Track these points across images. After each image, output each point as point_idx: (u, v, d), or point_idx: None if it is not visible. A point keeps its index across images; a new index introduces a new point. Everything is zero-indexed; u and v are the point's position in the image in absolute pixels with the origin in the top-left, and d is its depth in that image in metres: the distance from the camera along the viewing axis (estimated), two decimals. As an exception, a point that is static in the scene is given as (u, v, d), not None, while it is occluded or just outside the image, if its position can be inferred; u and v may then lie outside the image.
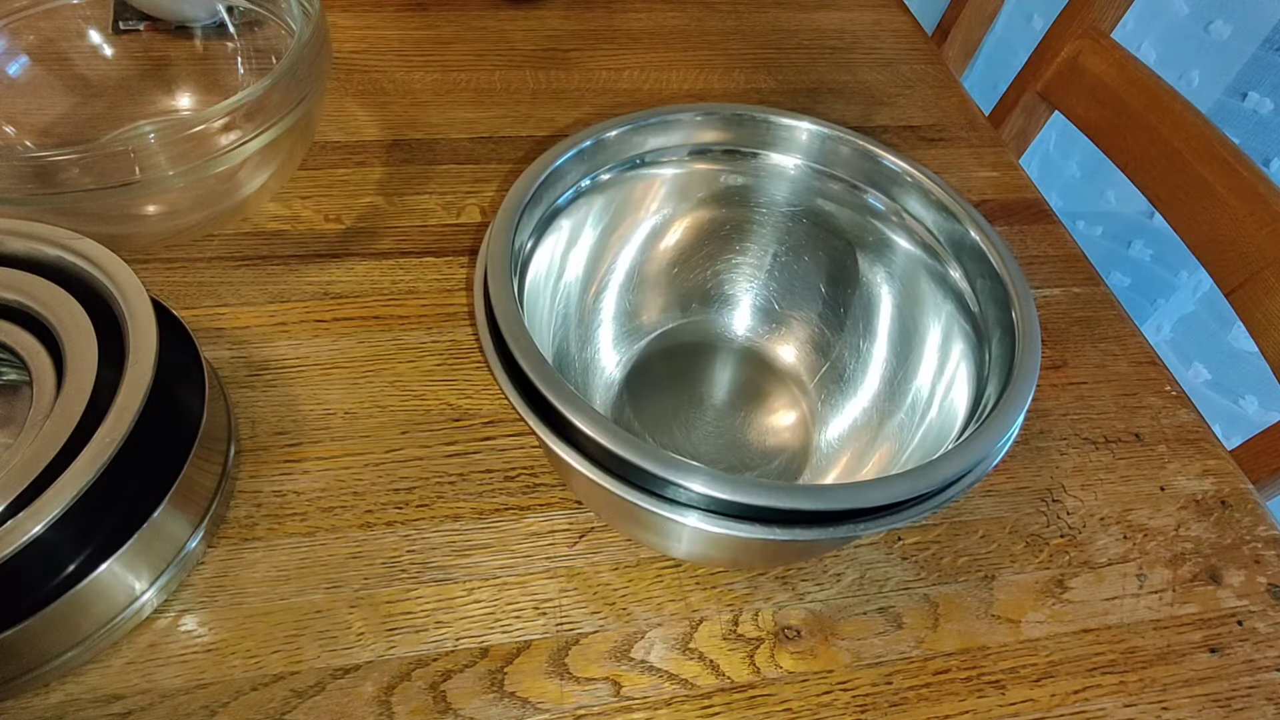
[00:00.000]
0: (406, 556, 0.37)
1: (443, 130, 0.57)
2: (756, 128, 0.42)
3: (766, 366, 0.46)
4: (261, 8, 0.53)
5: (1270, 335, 0.53)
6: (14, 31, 0.49)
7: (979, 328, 0.37)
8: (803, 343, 0.46)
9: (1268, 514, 0.43)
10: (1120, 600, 0.39)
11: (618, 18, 0.69)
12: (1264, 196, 0.54)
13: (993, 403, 0.33)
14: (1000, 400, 0.32)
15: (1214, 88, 0.85)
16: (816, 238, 0.44)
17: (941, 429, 0.36)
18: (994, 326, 0.36)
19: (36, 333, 0.35)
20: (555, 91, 0.62)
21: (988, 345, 0.36)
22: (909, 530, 0.41)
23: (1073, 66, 0.69)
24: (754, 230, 0.45)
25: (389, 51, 0.63)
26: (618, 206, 0.42)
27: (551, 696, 0.34)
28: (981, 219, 0.38)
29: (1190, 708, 0.36)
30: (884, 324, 0.43)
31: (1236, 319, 0.56)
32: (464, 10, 0.67)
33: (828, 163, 0.42)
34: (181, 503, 0.34)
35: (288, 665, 0.34)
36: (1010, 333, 0.35)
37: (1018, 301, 0.35)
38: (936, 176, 0.40)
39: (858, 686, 0.36)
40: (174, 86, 0.54)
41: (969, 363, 0.37)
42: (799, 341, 0.46)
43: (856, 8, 0.74)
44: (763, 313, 0.47)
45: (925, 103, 0.66)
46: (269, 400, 0.42)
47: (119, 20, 0.53)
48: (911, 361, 0.41)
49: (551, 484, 0.40)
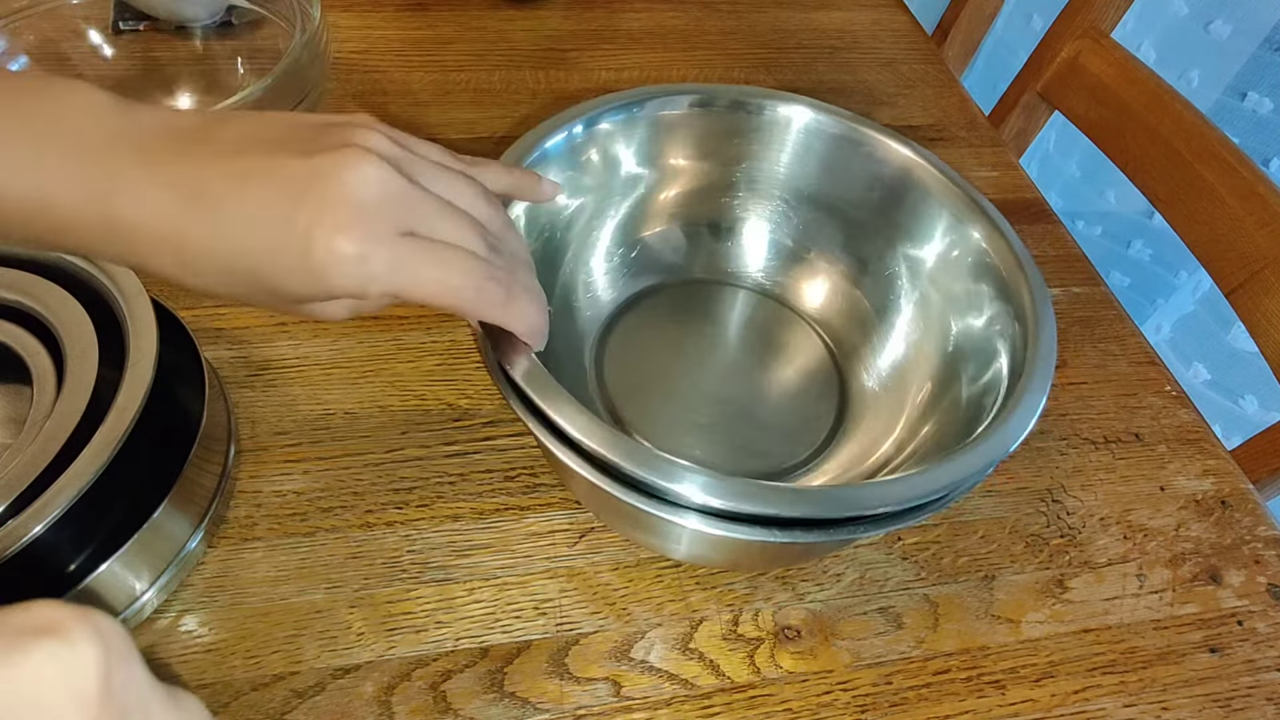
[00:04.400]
0: (406, 556, 0.37)
1: (443, 130, 0.57)
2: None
3: (781, 311, 0.46)
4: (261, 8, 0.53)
5: (1270, 335, 0.53)
6: (14, 31, 0.49)
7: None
8: (830, 280, 0.45)
9: (1268, 514, 0.43)
10: (1120, 600, 0.39)
11: (618, 18, 0.69)
12: (1264, 196, 0.54)
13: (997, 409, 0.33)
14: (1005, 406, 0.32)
15: (1214, 88, 0.85)
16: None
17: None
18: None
19: (37, 333, 0.35)
20: (555, 91, 0.62)
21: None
22: (909, 530, 0.41)
23: (1073, 66, 0.69)
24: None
25: (389, 51, 0.63)
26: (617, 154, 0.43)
27: (551, 696, 0.34)
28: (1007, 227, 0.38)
29: (1190, 708, 0.36)
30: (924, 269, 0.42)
31: (1236, 319, 0.56)
32: (464, 10, 0.67)
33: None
34: (181, 503, 0.34)
35: (288, 665, 0.34)
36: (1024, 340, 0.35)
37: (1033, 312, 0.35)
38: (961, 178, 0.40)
39: (858, 686, 0.36)
40: (174, 86, 0.54)
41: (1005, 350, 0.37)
42: (823, 281, 0.45)
43: (856, 8, 0.74)
44: (778, 250, 0.46)
45: (925, 103, 0.66)
46: (269, 400, 0.42)
47: (119, 20, 0.53)
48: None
49: (551, 484, 0.40)
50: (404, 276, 0.24)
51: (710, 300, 0.46)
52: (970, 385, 0.37)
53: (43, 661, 0.15)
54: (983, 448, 0.30)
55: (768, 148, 0.44)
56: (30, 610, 0.16)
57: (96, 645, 0.16)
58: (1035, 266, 0.37)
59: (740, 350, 0.45)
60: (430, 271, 0.25)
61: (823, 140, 0.43)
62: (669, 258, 0.46)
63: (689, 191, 0.45)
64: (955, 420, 0.37)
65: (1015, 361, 0.35)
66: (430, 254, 0.25)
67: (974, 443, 0.31)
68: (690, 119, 0.43)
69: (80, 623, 0.16)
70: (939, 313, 0.41)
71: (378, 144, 0.25)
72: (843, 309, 0.45)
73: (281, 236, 0.23)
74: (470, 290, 0.26)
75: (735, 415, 0.42)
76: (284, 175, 0.23)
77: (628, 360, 0.43)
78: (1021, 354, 0.34)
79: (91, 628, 0.16)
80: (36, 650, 0.15)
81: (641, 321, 0.44)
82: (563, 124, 0.39)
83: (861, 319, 0.44)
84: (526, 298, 0.28)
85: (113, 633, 0.16)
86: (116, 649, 0.16)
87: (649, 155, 0.43)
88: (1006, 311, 0.37)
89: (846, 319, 0.45)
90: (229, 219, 0.23)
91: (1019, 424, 0.31)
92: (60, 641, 0.15)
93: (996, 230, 0.38)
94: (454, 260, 0.25)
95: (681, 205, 0.46)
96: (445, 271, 0.25)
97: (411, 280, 0.25)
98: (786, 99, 0.43)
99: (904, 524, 0.30)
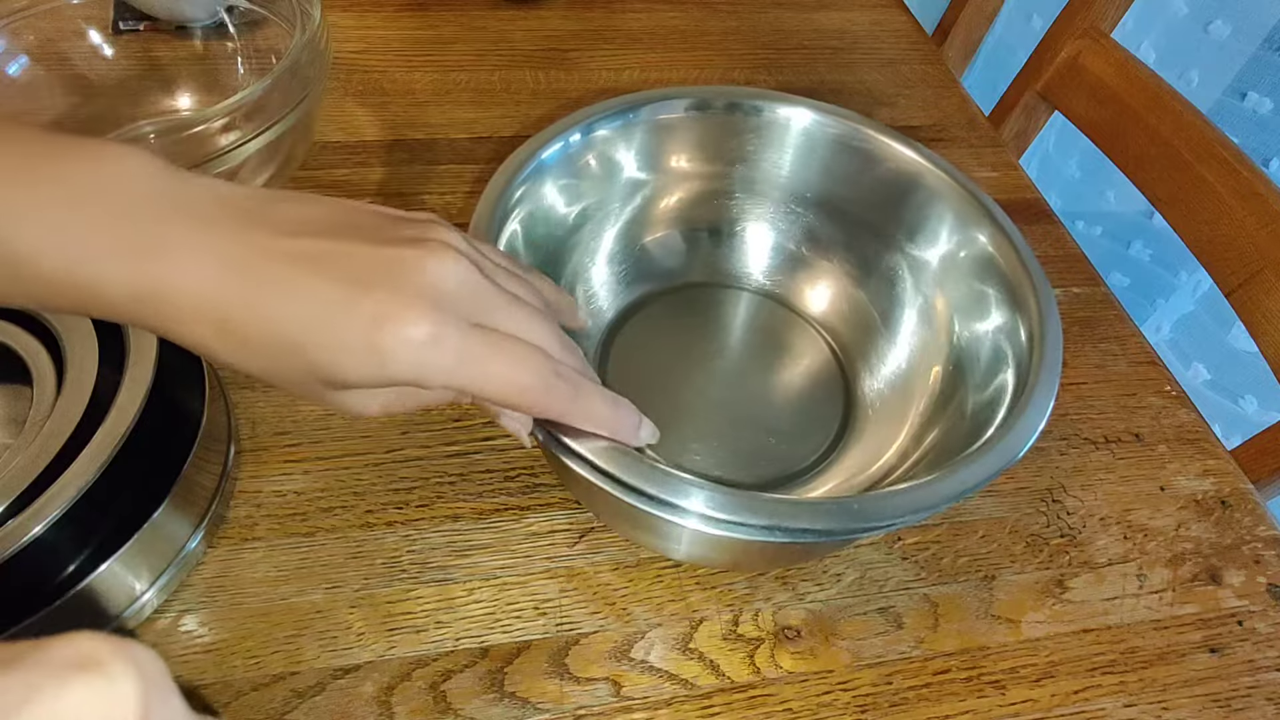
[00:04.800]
0: (406, 556, 0.37)
1: (443, 130, 0.57)
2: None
3: (784, 314, 0.45)
4: (261, 8, 0.53)
5: (1270, 335, 0.53)
6: (14, 31, 0.48)
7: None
8: (835, 280, 0.45)
9: (1268, 514, 0.43)
10: (1120, 600, 0.39)
11: (618, 18, 0.69)
12: (1264, 196, 0.54)
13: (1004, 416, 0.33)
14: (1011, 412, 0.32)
15: (1214, 88, 0.85)
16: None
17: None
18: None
19: (37, 333, 0.35)
20: (555, 91, 0.62)
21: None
22: (909, 530, 0.41)
23: (1073, 66, 0.69)
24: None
25: (389, 51, 0.63)
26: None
27: (551, 696, 0.34)
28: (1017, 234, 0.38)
29: (1190, 708, 0.36)
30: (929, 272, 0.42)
31: (1236, 319, 0.56)
32: (464, 10, 0.67)
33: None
34: (181, 503, 0.34)
35: (288, 665, 0.34)
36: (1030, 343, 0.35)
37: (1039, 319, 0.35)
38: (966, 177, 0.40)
39: (858, 686, 0.36)
40: (174, 86, 0.54)
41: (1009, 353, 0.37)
42: (827, 283, 0.45)
43: (856, 8, 0.74)
44: (781, 253, 0.46)
45: (925, 103, 0.66)
46: (269, 400, 0.42)
47: (119, 20, 0.53)
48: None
49: (551, 484, 0.40)
50: (473, 369, 0.24)
51: (713, 304, 0.46)
52: (976, 391, 0.37)
53: (83, 696, 0.15)
54: (990, 456, 0.30)
55: (768, 150, 0.44)
56: (70, 643, 0.16)
57: (135, 680, 0.16)
58: (1041, 271, 0.37)
59: (744, 354, 0.45)
60: (500, 367, 0.24)
61: (824, 142, 0.43)
62: (670, 263, 0.46)
63: (689, 196, 0.45)
64: (960, 426, 0.37)
65: (1020, 368, 0.35)
66: (501, 348, 0.24)
67: (982, 450, 0.31)
68: (689, 122, 0.43)
69: (119, 656, 0.16)
70: (944, 317, 0.41)
71: (457, 242, 0.25)
72: (847, 312, 0.45)
73: (345, 316, 0.22)
74: (539, 389, 0.25)
75: (740, 421, 0.42)
76: (354, 260, 0.23)
77: (631, 367, 0.43)
78: (1027, 360, 0.34)
79: (130, 661, 0.16)
80: (77, 684, 0.15)
81: (644, 328, 0.44)
82: (559, 133, 0.39)
83: (866, 322, 0.44)
84: (597, 396, 0.27)
85: (151, 665, 0.16)
86: (155, 682, 0.16)
87: (648, 160, 0.43)
88: (1012, 316, 0.37)
89: (851, 322, 0.45)
90: (285, 294, 0.22)
91: (1026, 430, 0.31)
92: (100, 676, 0.15)
93: (1002, 233, 0.38)
94: (526, 357, 0.25)
95: (682, 209, 0.46)
96: (516, 368, 0.25)
97: (481, 374, 0.24)
98: (786, 100, 0.43)
99: (905, 523, 0.30)
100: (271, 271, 0.23)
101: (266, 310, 0.23)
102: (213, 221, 0.23)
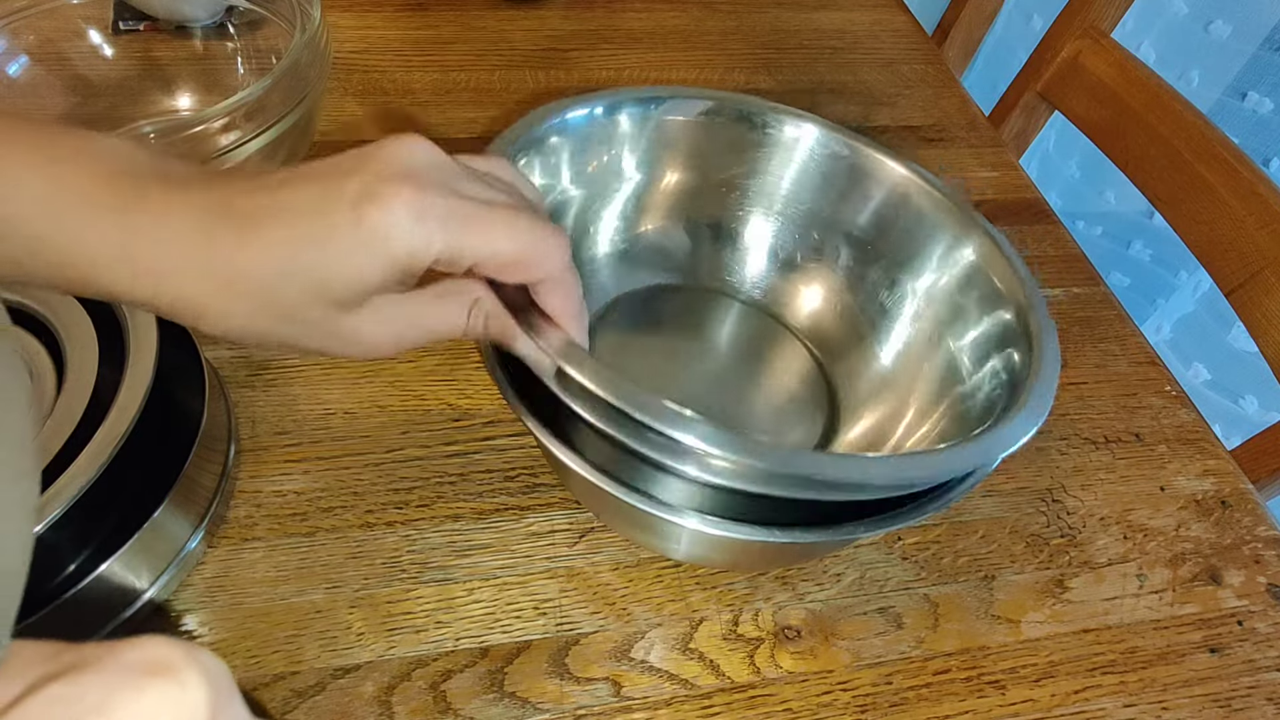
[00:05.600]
0: (406, 556, 0.37)
1: (443, 130, 0.57)
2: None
3: (776, 323, 0.45)
4: (261, 8, 0.53)
5: (1270, 335, 0.53)
6: (14, 31, 0.49)
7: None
8: (825, 289, 0.45)
9: (1268, 514, 0.43)
10: (1120, 600, 0.39)
11: (618, 18, 0.69)
12: (1264, 196, 0.54)
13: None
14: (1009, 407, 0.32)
15: (1214, 88, 0.85)
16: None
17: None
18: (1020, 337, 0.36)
19: (37, 333, 0.35)
20: (555, 91, 0.62)
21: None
22: (909, 531, 0.41)
23: (1073, 66, 0.69)
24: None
25: (389, 51, 0.63)
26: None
27: (551, 696, 0.34)
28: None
29: (1190, 708, 0.36)
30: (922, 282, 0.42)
31: (1236, 319, 0.56)
32: (464, 10, 0.67)
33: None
34: (181, 503, 0.34)
35: (288, 665, 0.34)
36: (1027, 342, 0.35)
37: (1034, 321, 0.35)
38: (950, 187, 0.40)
39: (858, 686, 0.36)
40: (174, 86, 0.54)
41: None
42: (818, 289, 0.45)
43: (856, 8, 0.74)
44: (775, 257, 0.46)
45: (925, 103, 0.66)
46: (269, 400, 0.42)
47: (119, 20, 0.53)
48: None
49: (551, 484, 0.40)
50: (467, 228, 0.24)
51: (700, 309, 0.46)
52: (965, 402, 0.37)
53: (157, 701, 0.15)
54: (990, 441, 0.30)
55: (768, 161, 0.44)
56: (140, 647, 0.16)
57: (206, 687, 0.16)
58: (1038, 290, 0.37)
59: (728, 364, 0.44)
60: (491, 223, 0.24)
61: (821, 158, 0.43)
62: (658, 263, 0.46)
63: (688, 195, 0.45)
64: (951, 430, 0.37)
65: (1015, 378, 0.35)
66: (491, 207, 0.25)
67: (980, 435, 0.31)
68: (693, 126, 0.43)
69: (191, 663, 0.16)
70: (934, 331, 0.41)
71: (420, 138, 0.25)
72: (834, 321, 0.45)
73: (330, 206, 0.23)
74: (532, 241, 0.25)
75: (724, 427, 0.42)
76: (325, 168, 0.24)
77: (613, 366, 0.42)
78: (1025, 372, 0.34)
79: (201, 668, 0.16)
80: (152, 690, 0.15)
81: (628, 328, 0.44)
82: (584, 103, 0.39)
83: (855, 332, 0.44)
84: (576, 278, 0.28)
85: (219, 673, 0.16)
86: (223, 689, 0.16)
87: (649, 156, 0.43)
88: (1005, 333, 0.37)
89: (838, 334, 0.44)
90: (267, 214, 0.23)
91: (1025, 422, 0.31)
92: (173, 682, 0.15)
93: (998, 250, 0.38)
94: (517, 213, 0.25)
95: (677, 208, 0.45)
96: (510, 222, 0.25)
97: (476, 231, 0.24)
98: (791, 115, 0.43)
99: (905, 522, 0.30)
100: (250, 203, 0.23)
101: (252, 235, 0.23)
102: (190, 181, 0.23)
